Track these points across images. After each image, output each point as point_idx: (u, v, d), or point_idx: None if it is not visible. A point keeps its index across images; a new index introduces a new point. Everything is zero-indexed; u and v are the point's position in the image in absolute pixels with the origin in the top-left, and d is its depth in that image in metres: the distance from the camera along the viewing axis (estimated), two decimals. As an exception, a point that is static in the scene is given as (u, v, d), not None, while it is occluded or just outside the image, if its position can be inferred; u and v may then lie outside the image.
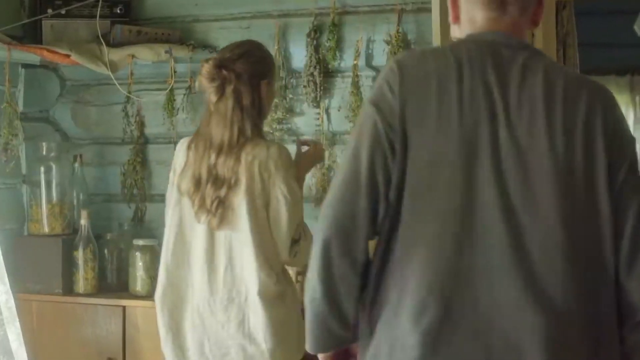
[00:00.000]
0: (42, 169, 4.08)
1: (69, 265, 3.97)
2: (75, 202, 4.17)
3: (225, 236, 3.21)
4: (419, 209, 2.00)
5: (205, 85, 3.25)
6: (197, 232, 3.25)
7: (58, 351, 3.94)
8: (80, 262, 3.95)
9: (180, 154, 3.32)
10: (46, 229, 4.06)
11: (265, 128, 4.04)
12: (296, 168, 3.41)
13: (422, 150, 2.00)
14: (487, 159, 1.98)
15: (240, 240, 3.19)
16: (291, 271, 3.84)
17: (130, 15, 4.22)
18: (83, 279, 3.96)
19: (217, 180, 3.19)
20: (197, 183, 3.22)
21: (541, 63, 2.09)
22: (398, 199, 2.02)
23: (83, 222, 3.95)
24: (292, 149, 4.06)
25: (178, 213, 3.30)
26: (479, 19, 2.15)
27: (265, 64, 3.33)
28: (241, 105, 3.21)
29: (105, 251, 4.07)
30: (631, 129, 9.81)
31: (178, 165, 3.31)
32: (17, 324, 3.65)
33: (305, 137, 3.95)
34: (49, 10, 4.10)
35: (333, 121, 4.08)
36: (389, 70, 2.10)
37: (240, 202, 3.17)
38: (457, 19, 2.23)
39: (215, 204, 3.18)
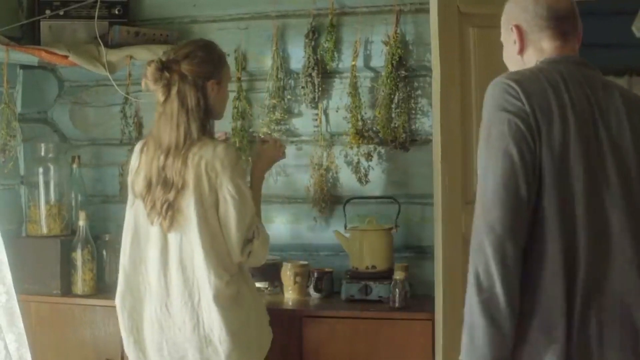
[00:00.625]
0: (40, 170, 4.08)
1: (67, 266, 3.97)
2: (73, 203, 4.17)
3: (177, 238, 3.20)
4: (555, 192, 2.33)
5: (150, 87, 3.23)
6: (152, 234, 3.25)
7: (56, 352, 3.94)
8: (79, 263, 3.95)
9: (134, 156, 3.33)
10: (44, 230, 4.06)
11: (264, 129, 4.05)
12: (255, 166, 3.45)
13: (552, 147, 2.34)
14: (597, 153, 2.39)
15: (190, 243, 3.18)
16: (289, 272, 3.86)
17: (128, 16, 4.22)
18: (81, 280, 3.95)
19: (165, 183, 3.19)
20: (149, 185, 3.22)
21: (603, 77, 2.60)
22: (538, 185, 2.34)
23: (81, 223, 3.95)
24: (291, 150, 4.08)
25: (133, 215, 3.31)
26: (547, 48, 2.55)
27: (211, 65, 3.28)
28: (186, 107, 3.19)
29: (104, 252, 4.07)
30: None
31: (131, 167, 3.32)
32: (20, 325, 3.64)
33: (265, 135, 3.94)
34: (47, 11, 4.11)
35: (331, 122, 4.08)
36: (505, 86, 2.40)
37: (188, 205, 3.17)
38: (523, 50, 2.60)
39: (165, 206, 3.18)
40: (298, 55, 4.10)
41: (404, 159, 3.98)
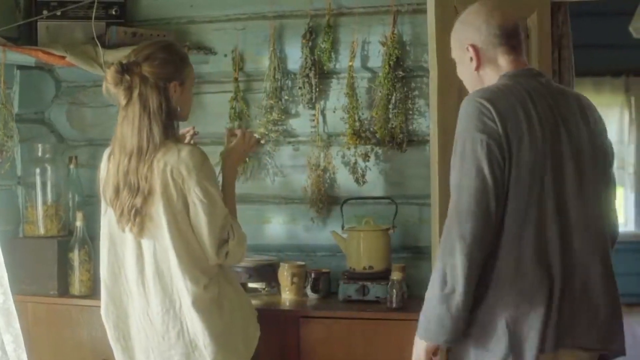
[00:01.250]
0: (37, 170, 4.08)
1: (65, 267, 3.97)
2: (70, 203, 4.16)
3: (150, 245, 3.18)
4: (524, 201, 2.69)
5: (111, 90, 3.19)
6: (127, 242, 3.23)
7: (53, 353, 3.94)
8: (76, 263, 3.94)
9: (103, 165, 3.32)
10: (41, 231, 4.06)
11: (261, 129, 4.05)
12: (225, 162, 3.39)
13: (522, 161, 2.67)
14: (565, 162, 2.74)
15: (164, 249, 3.15)
16: (286, 272, 3.86)
17: (125, 17, 4.21)
18: (78, 280, 3.95)
19: (130, 188, 3.15)
20: (116, 190, 3.19)
21: (556, 84, 2.97)
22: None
23: (78, 223, 3.94)
24: (288, 150, 4.08)
25: (107, 223, 3.29)
26: (503, 63, 2.86)
27: (172, 66, 3.23)
28: (148, 110, 3.15)
29: (101, 253, 4.06)
30: (626, 129, 9.82)
31: (101, 176, 3.30)
32: (17, 325, 3.64)
33: (233, 128, 3.92)
34: (45, 12, 4.10)
35: (328, 122, 4.08)
36: (480, 106, 2.69)
37: (157, 211, 3.14)
38: (479, 66, 2.88)
39: (132, 212, 3.15)
40: (295, 56, 4.10)
41: (401, 159, 3.99)
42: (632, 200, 9.75)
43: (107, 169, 3.25)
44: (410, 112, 3.96)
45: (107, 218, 3.28)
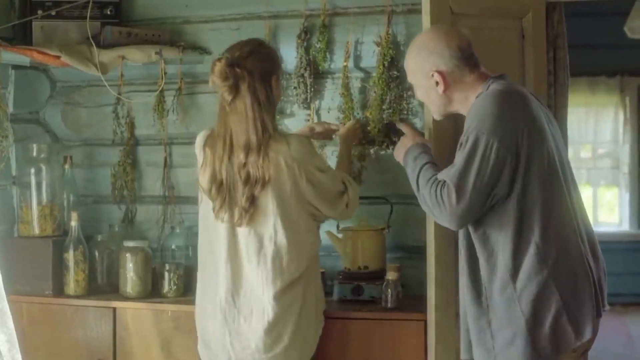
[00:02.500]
0: (32, 170, 4.07)
1: (59, 267, 3.97)
2: (65, 203, 4.16)
3: (250, 233, 3.32)
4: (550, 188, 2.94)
5: (218, 84, 3.31)
6: (219, 230, 3.36)
7: (48, 353, 3.93)
8: (71, 263, 3.94)
9: (198, 152, 3.46)
10: (36, 231, 4.05)
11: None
12: (343, 142, 3.76)
13: (540, 157, 2.91)
14: (558, 158, 3.00)
15: (265, 238, 3.31)
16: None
17: (120, 17, 4.21)
18: (73, 280, 3.95)
19: (248, 179, 3.29)
20: (219, 185, 3.32)
21: None
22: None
23: (73, 223, 3.94)
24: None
25: (203, 212, 3.45)
26: (470, 80, 3.06)
27: (273, 60, 3.45)
28: (259, 102, 3.30)
29: (96, 253, 4.06)
30: (621, 129, 9.84)
31: (199, 162, 3.45)
32: (11, 325, 3.63)
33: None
34: (39, 12, 4.10)
35: (323, 122, 4.08)
36: (507, 106, 2.92)
37: (268, 200, 3.29)
38: (447, 87, 3.07)
39: (247, 202, 3.29)
40: (290, 56, 4.09)
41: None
42: (627, 200, 9.76)
43: (205, 158, 3.40)
44: (405, 112, 3.96)
45: (203, 206, 3.44)
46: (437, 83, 3.06)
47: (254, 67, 3.32)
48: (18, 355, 3.63)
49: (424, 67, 3.08)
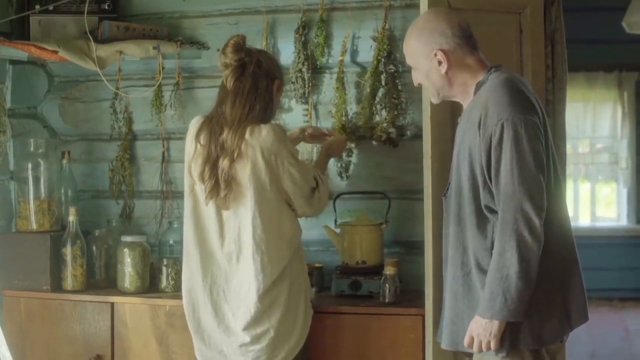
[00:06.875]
0: (30, 165, 4.07)
1: (57, 262, 3.97)
2: (63, 198, 4.16)
3: (234, 215, 3.36)
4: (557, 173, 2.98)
5: (228, 58, 3.37)
6: (210, 221, 3.41)
7: (46, 348, 3.94)
8: (69, 258, 3.94)
9: (189, 141, 3.45)
10: (34, 226, 4.05)
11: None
12: (325, 150, 3.78)
13: (547, 137, 2.94)
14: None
15: (246, 233, 3.35)
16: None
17: (118, 12, 4.21)
18: (71, 275, 3.95)
19: (225, 152, 3.33)
20: (213, 165, 3.35)
21: None
22: None
23: (71, 218, 3.94)
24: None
25: (191, 204, 3.45)
26: (471, 62, 3.03)
27: (279, 68, 3.56)
28: (256, 87, 3.36)
29: (94, 248, 4.06)
30: (619, 124, 9.85)
31: (187, 152, 3.46)
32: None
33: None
34: (37, 7, 4.10)
35: (321, 117, 4.08)
36: (520, 85, 2.94)
37: (245, 177, 3.32)
38: (450, 67, 3.01)
39: (224, 177, 3.32)
40: (288, 51, 4.09)
41: (394, 154, 3.98)
42: (625, 196, 9.75)
43: (196, 148, 3.41)
44: (402, 107, 3.96)
45: (192, 195, 3.44)
46: (439, 62, 3.01)
47: (263, 60, 3.42)
48: (8, 354, 3.63)
49: (426, 47, 3.03)
